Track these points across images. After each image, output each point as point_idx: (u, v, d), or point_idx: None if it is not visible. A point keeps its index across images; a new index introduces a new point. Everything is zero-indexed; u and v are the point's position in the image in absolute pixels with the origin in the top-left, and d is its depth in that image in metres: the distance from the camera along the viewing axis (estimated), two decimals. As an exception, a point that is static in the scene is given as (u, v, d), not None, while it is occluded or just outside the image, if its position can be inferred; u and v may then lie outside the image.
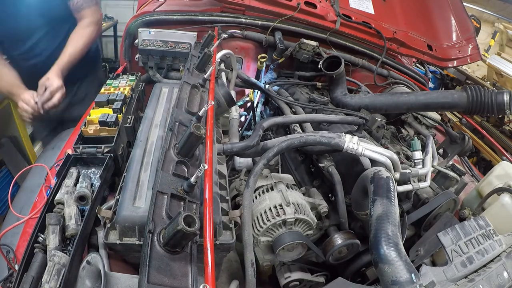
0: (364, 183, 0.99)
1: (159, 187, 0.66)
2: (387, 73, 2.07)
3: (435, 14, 2.30)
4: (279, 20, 1.80)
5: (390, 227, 0.78)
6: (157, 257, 0.56)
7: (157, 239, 0.58)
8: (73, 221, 0.76)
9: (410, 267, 0.72)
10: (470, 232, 0.91)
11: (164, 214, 0.63)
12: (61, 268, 0.67)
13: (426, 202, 1.13)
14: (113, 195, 0.93)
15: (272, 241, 0.99)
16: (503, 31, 4.30)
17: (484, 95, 1.40)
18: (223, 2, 1.79)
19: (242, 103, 1.85)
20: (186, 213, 0.54)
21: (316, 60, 1.74)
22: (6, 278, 0.78)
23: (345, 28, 1.93)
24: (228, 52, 1.46)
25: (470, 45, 2.29)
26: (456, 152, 1.56)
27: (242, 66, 1.91)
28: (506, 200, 1.20)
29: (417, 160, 1.22)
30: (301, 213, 0.99)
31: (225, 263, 1.06)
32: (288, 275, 1.07)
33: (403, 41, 2.10)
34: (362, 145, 1.03)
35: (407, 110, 1.56)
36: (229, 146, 1.07)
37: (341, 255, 1.07)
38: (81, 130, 0.97)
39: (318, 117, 1.33)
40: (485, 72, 4.25)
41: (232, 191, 1.11)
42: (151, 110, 1.12)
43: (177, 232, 0.54)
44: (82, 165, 0.94)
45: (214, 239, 0.76)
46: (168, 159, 0.75)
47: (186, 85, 1.03)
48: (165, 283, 0.53)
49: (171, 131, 0.83)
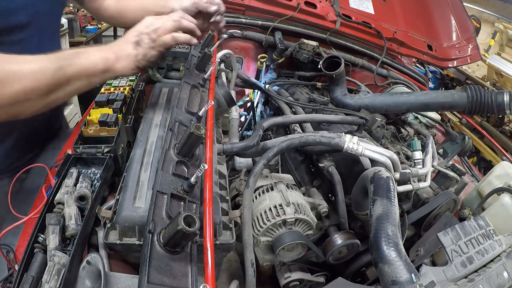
0: (364, 183, 0.99)
1: (159, 187, 0.67)
2: (387, 73, 2.07)
3: (435, 14, 2.30)
4: (279, 20, 1.80)
5: (390, 227, 0.78)
6: (157, 257, 0.56)
7: (157, 239, 0.58)
8: (73, 221, 0.76)
9: (410, 267, 0.72)
10: (470, 232, 0.91)
11: (164, 214, 0.63)
12: (61, 268, 0.67)
13: (426, 202, 1.13)
14: (113, 195, 0.93)
15: (272, 241, 0.99)
16: (503, 31, 4.31)
17: (484, 95, 1.40)
18: (223, 2, 1.79)
19: (242, 103, 1.85)
20: (186, 213, 0.55)
21: (316, 60, 1.74)
22: (6, 278, 0.78)
23: (345, 28, 1.93)
24: (228, 52, 1.46)
25: (470, 45, 2.30)
26: (456, 152, 1.56)
27: (242, 66, 1.91)
28: (506, 200, 1.20)
29: (417, 160, 1.22)
30: (301, 213, 0.99)
31: (225, 263, 1.06)
32: (288, 275, 1.07)
33: (403, 41, 2.10)
34: (362, 145, 1.03)
35: (407, 110, 1.56)
36: (229, 146, 1.07)
37: (341, 255, 1.07)
38: (81, 130, 0.97)
39: (318, 117, 1.33)
40: (485, 72, 4.25)
41: (232, 191, 1.11)
42: (151, 110, 1.12)
43: (177, 232, 0.54)
44: (82, 165, 0.94)
45: (214, 239, 0.76)
46: (168, 159, 0.75)
47: (186, 85, 1.03)
48: (165, 283, 0.53)
49: (171, 131, 0.83)
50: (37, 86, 0.77)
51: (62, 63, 0.80)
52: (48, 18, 1.21)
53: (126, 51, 0.90)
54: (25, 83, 0.75)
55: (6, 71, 0.74)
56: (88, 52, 0.86)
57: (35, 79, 0.76)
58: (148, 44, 0.91)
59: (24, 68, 0.76)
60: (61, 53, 0.83)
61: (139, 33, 0.92)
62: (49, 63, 0.79)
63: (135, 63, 0.91)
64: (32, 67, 0.77)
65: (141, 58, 0.91)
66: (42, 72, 0.77)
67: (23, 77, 0.75)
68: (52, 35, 1.27)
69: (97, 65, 0.85)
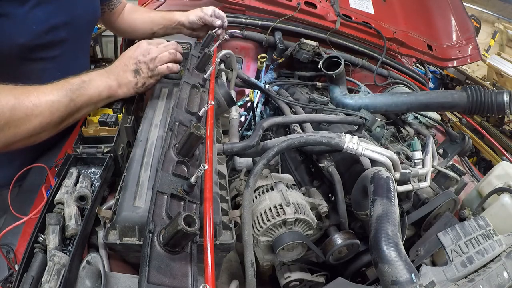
0: (364, 183, 0.99)
1: (159, 187, 0.66)
2: (387, 73, 2.07)
3: (435, 14, 2.30)
4: (279, 20, 1.80)
5: (390, 227, 0.78)
6: (157, 257, 0.56)
7: (157, 239, 0.58)
8: (73, 221, 0.76)
9: (410, 267, 0.72)
10: (470, 232, 0.91)
11: (164, 214, 0.63)
12: (61, 268, 0.67)
13: (426, 202, 1.13)
14: (113, 195, 0.93)
15: (272, 241, 0.99)
16: (503, 31, 4.31)
17: (484, 95, 1.40)
18: (223, 2, 1.79)
19: (242, 103, 1.85)
20: (186, 213, 0.54)
21: (316, 60, 1.74)
22: (6, 278, 0.78)
23: (345, 28, 1.93)
24: (228, 52, 1.46)
25: (470, 45, 2.30)
26: (456, 152, 1.56)
27: (242, 66, 1.91)
28: (506, 200, 1.20)
29: (417, 160, 1.22)
30: (301, 213, 0.99)
31: (225, 263, 1.06)
32: (288, 275, 1.07)
33: (403, 41, 2.10)
34: (362, 145, 1.03)
35: (407, 110, 1.56)
36: (229, 146, 1.07)
37: (341, 255, 1.07)
38: (81, 130, 0.97)
39: (318, 117, 1.33)
40: (485, 72, 4.26)
41: (232, 191, 1.11)
42: (151, 110, 1.12)
43: (177, 232, 0.54)
44: (82, 165, 0.94)
45: (214, 239, 0.76)
46: (168, 159, 0.75)
47: (186, 85, 1.03)
48: (165, 283, 0.53)
49: (171, 131, 0.83)
50: (53, 119, 0.84)
51: (73, 95, 0.87)
52: (85, 35, 1.25)
53: (127, 79, 0.99)
54: (41, 118, 0.81)
55: (26, 106, 0.79)
56: (92, 80, 0.93)
57: (51, 113, 0.83)
58: (146, 73, 1.02)
59: (43, 102, 0.82)
60: (69, 83, 0.88)
61: (137, 61, 1.00)
62: (61, 96, 0.85)
63: (134, 90, 1.02)
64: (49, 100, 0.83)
65: (140, 86, 1.02)
66: (56, 106, 0.84)
67: (40, 113, 0.81)
68: (85, 51, 1.31)
69: (102, 93, 0.94)
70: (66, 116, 0.87)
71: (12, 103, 0.77)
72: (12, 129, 0.77)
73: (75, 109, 0.88)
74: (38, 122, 0.81)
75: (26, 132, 0.80)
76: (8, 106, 0.76)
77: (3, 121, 0.75)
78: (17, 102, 0.77)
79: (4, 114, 0.75)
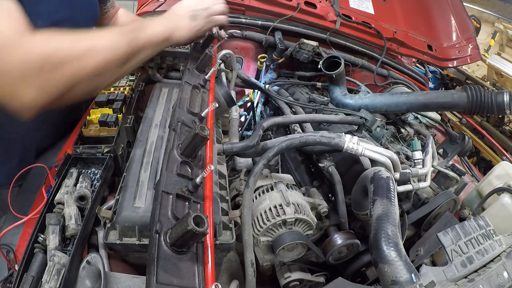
0: (364, 183, 0.99)
1: (164, 187, 0.66)
2: (387, 73, 2.07)
3: (435, 14, 2.30)
4: (279, 20, 1.80)
5: (390, 227, 0.78)
6: (165, 257, 0.55)
7: (163, 239, 0.58)
8: (73, 221, 0.76)
9: (410, 267, 0.72)
10: (470, 232, 0.91)
11: (170, 214, 0.63)
12: (61, 268, 0.67)
13: (426, 202, 1.13)
14: (113, 195, 0.93)
15: (272, 241, 0.99)
16: (503, 31, 4.30)
17: (484, 95, 1.40)
18: (223, 2, 1.79)
19: (242, 103, 1.85)
20: (195, 214, 0.54)
21: (316, 60, 1.74)
22: (6, 278, 0.78)
23: (345, 28, 1.93)
24: (228, 52, 1.46)
25: (470, 45, 2.30)
26: (456, 152, 1.56)
27: (242, 66, 1.91)
28: (506, 200, 1.20)
29: (417, 160, 1.22)
30: (301, 213, 0.99)
31: (225, 263, 1.06)
32: (288, 275, 1.07)
33: (403, 41, 2.10)
34: (362, 145, 1.03)
35: (407, 110, 1.56)
36: (229, 146, 1.07)
37: (341, 255, 1.07)
38: (81, 130, 0.97)
39: (318, 117, 1.33)
40: (485, 72, 4.25)
41: (232, 191, 1.11)
42: (151, 110, 1.12)
43: (187, 232, 0.53)
44: (82, 165, 0.94)
45: (214, 239, 0.76)
46: (172, 159, 0.74)
47: (187, 86, 1.03)
48: (173, 283, 0.53)
49: (174, 131, 0.83)
50: (115, 57, 0.83)
51: (132, 35, 0.88)
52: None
53: (184, 22, 1.04)
54: (104, 55, 0.80)
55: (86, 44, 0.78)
56: (152, 24, 0.96)
57: (112, 51, 0.83)
58: (203, 19, 1.09)
59: (103, 40, 0.83)
60: (129, 27, 0.92)
61: (194, 10, 1.07)
62: (121, 36, 0.86)
63: (189, 34, 1.05)
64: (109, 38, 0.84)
65: (196, 30, 1.07)
66: (117, 45, 0.84)
67: (102, 50, 0.81)
68: None
69: (160, 34, 0.96)
70: (129, 56, 0.87)
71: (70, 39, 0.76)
72: (75, 62, 0.75)
73: (136, 49, 0.88)
74: (101, 58, 0.79)
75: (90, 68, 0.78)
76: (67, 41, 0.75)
77: (63, 54, 0.73)
78: (76, 38, 0.77)
79: (62, 49, 0.74)
